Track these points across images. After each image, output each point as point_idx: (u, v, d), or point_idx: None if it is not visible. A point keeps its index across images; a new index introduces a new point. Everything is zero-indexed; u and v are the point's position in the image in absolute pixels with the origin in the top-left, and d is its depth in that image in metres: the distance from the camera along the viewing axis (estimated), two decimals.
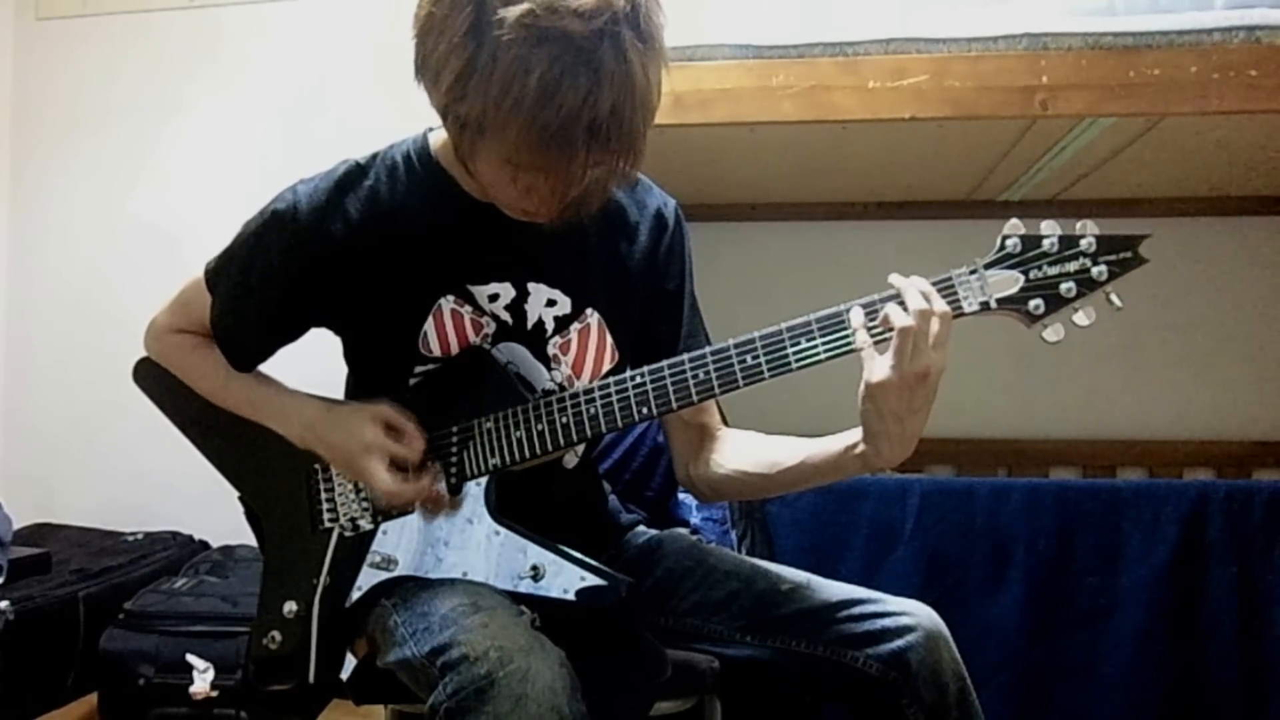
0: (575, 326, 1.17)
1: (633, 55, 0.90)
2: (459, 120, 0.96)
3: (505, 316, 1.15)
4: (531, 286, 1.15)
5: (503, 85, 0.89)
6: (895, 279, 1.01)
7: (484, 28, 0.90)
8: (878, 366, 0.99)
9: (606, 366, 1.19)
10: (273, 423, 1.19)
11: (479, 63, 0.90)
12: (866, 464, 1.06)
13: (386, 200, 1.11)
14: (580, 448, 1.22)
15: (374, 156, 1.14)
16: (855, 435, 1.07)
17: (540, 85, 0.88)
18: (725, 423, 1.29)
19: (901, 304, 0.99)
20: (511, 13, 0.88)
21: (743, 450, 1.22)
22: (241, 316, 1.17)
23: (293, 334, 1.19)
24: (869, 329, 1.00)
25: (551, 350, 1.17)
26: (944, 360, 0.99)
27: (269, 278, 1.14)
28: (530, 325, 1.16)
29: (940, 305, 0.99)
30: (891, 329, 0.98)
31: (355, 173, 1.12)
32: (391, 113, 1.32)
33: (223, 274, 1.18)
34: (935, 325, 0.98)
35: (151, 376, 1.28)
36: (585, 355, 1.18)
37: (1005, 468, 2.54)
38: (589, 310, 1.18)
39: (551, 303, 1.16)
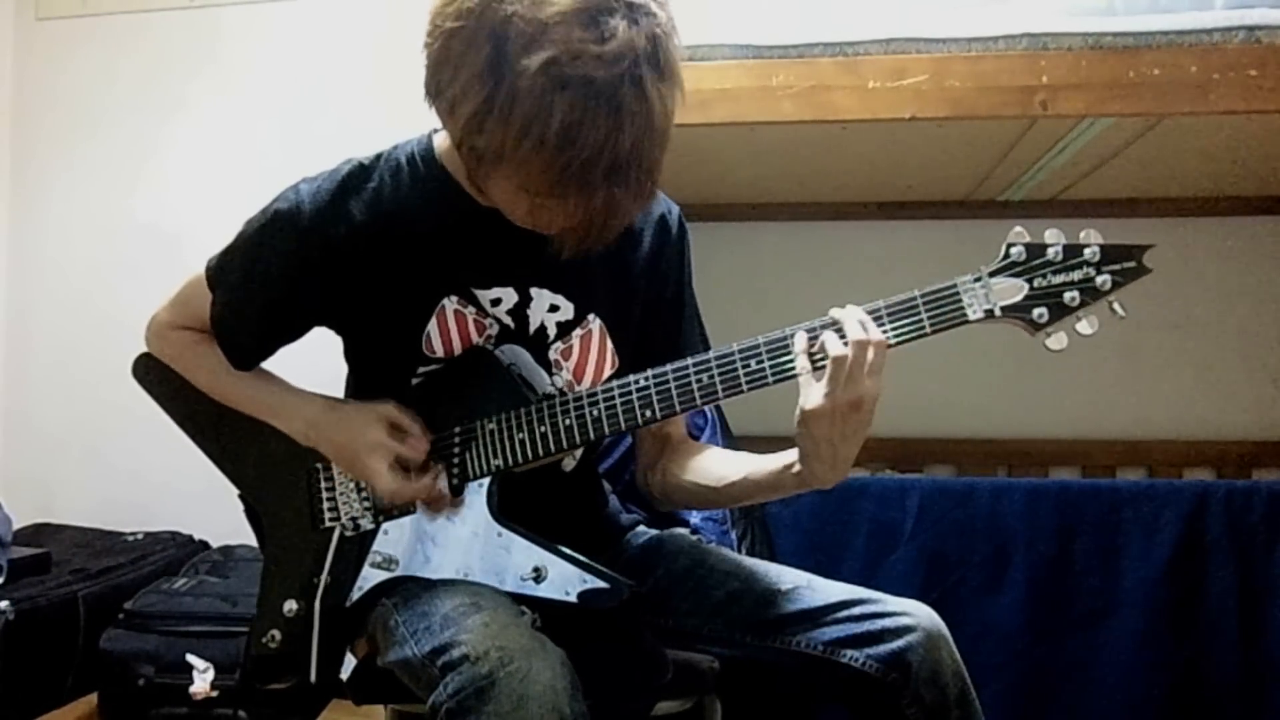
0: (577, 332, 1.17)
1: (653, 93, 0.91)
2: (475, 151, 0.96)
3: (507, 321, 1.15)
4: (534, 291, 1.15)
5: (523, 125, 0.89)
6: (835, 311, 1.03)
7: (503, 67, 0.90)
8: (812, 394, 1.01)
9: (607, 373, 1.19)
10: (275, 420, 1.19)
11: (498, 101, 0.90)
12: (802, 482, 1.09)
13: (390, 201, 1.11)
14: (579, 451, 1.22)
15: (378, 157, 1.14)
16: (793, 455, 1.09)
17: (562, 128, 0.88)
18: (692, 436, 1.31)
19: (840, 333, 1.00)
20: (535, 60, 0.88)
21: (696, 463, 1.24)
22: (242, 316, 1.17)
23: (294, 334, 1.19)
24: (810, 355, 1.02)
25: (553, 355, 1.17)
26: (878, 389, 1.01)
27: (270, 277, 1.14)
28: (532, 330, 1.16)
29: (876, 335, 1.00)
30: (827, 357, 0.99)
31: (358, 173, 1.12)
32: (391, 113, 1.32)
33: (224, 272, 1.18)
34: (870, 354, 0.99)
35: (151, 372, 1.28)
36: (586, 361, 1.18)
37: (1005, 468, 2.53)
38: (591, 316, 1.18)
39: (554, 308, 1.16)
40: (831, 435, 1.02)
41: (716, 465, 1.22)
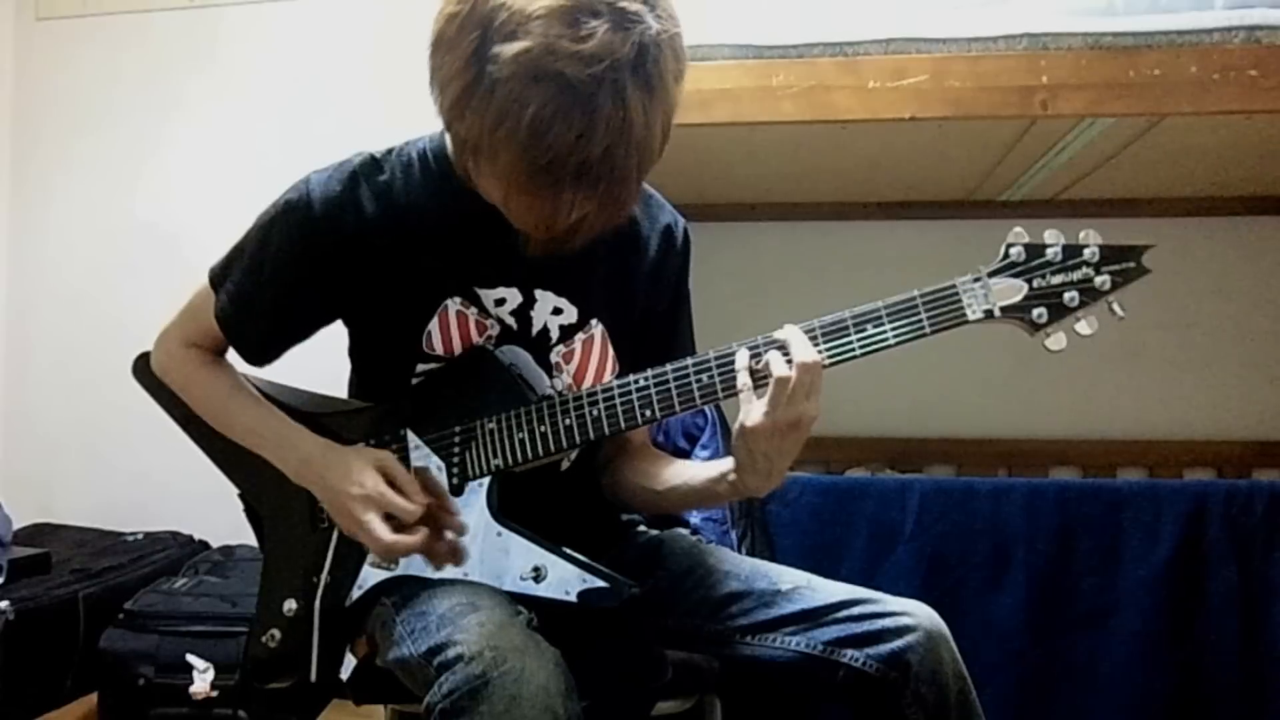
0: (579, 336, 1.17)
1: (633, 101, 0.90)
2: (458, 137, 0.98)
3: (510, 322, 1.15)
4: (539, 293, 1.15)
5: (498, 115, 0.90)
6: (782, 331, 1.03)
7: (485, 56, 0.90)
8: (753, 411, 1.02)
9: (607, 378, 1.19)
10: (270, 453, 1.17)
11: (478, 89, 0.91)
12: (735, 490, 1.11)
13: (400, 196, 1.11)
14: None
15: (389, 151, 1.14)
16: (728, 464, 1.11)
17: (532, 122, 0.89)
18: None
19: (785, 354, 1.01)
20: (509, 49, 0.88)
21: (645, 467, 1.26)
22: (252, 307, 1.16)
23: (302, 328, 1.19)
24: (753, 372, 1.03)
25: (554, 358, 1.17)
26: (817, 409, 1.02)
27: (281, 266, 1.13)
28: (535, 332, 1.16)
29: (813, 356, 1.01)
30: (770, 376, 1.00)
31: (370, 166, 1.12)
32: (391, 113, 1.32)
33: (232, 266, 1.17)
34: (811, 377, 1.00)
35: (150, 372, 1.28)
36: (587, 365, 1.18)
37: (1005, 468, 2.54)
38: (593, 321, 1.18)
39: (558, 311, 1.16)
40: (769, 451, 1.03)
41: (661, 470, 1.24)
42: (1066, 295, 1.01)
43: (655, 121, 0.94)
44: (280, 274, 1.14)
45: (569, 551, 1.07)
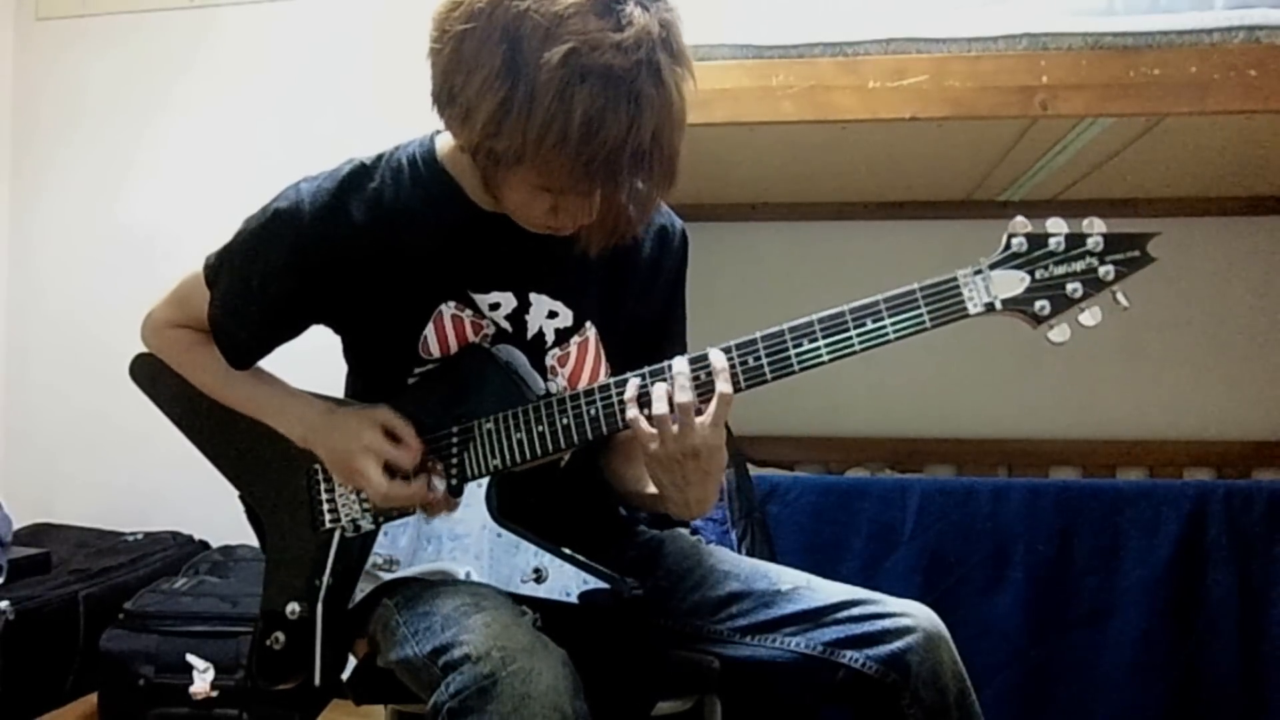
0: (575, 340, 1.17)
1: (669, 79, 0.92)
2: (493, 154, 0.96)
3: (505, 325, 1.15)
4: (533, 297, 1.15)
5: (544, 122, 0.89)
6: (674, 363, 1.02)
7: (520, 66, 0.90)
8: (646, 443, 1.01)
9: (600, 381, 1.19)
10: (273, 421, 1.19)
11: (516, 101, 0.90)
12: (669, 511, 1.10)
13: (390, 203, 1.11)
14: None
15: (379, 157, 1.14)
16: None
17: (584, 120, 0.89)
18: None
19: (669, 388, 1.00)
20: (555, 53, 0.88)
21: (629, 461, 1.24)
22: (240, 315, 1.16)
23: (292, 332, 1.19)
24: (640, 404, 1.02)
25: (549, 361, 1.16)
26: (719, 437, 1.00)
27: (269, 277, 1.13)
28: (530, 336, 1.16)
29: (686, 398, 0.99)
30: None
31: (360, 173, 1.12)
32: (391, 113, 1.32)
33: (222, 271, 1.17)
34: (692, 413, 0.98)
35: (148, 372, 1.28)
36: (582, 369, 1.18)
37: (1005, 468, 2.54)
38: (588, 324, 1.18)
39: (553, 314, 1.16)
40: (674, 480, 1.02)
41: (641, 472, 1.22)
42: (1069, 286, 0.99)
43: (686, 92, 0.95)
44: (269, 285, 1.13)
45: (569, 552, 1.07)
